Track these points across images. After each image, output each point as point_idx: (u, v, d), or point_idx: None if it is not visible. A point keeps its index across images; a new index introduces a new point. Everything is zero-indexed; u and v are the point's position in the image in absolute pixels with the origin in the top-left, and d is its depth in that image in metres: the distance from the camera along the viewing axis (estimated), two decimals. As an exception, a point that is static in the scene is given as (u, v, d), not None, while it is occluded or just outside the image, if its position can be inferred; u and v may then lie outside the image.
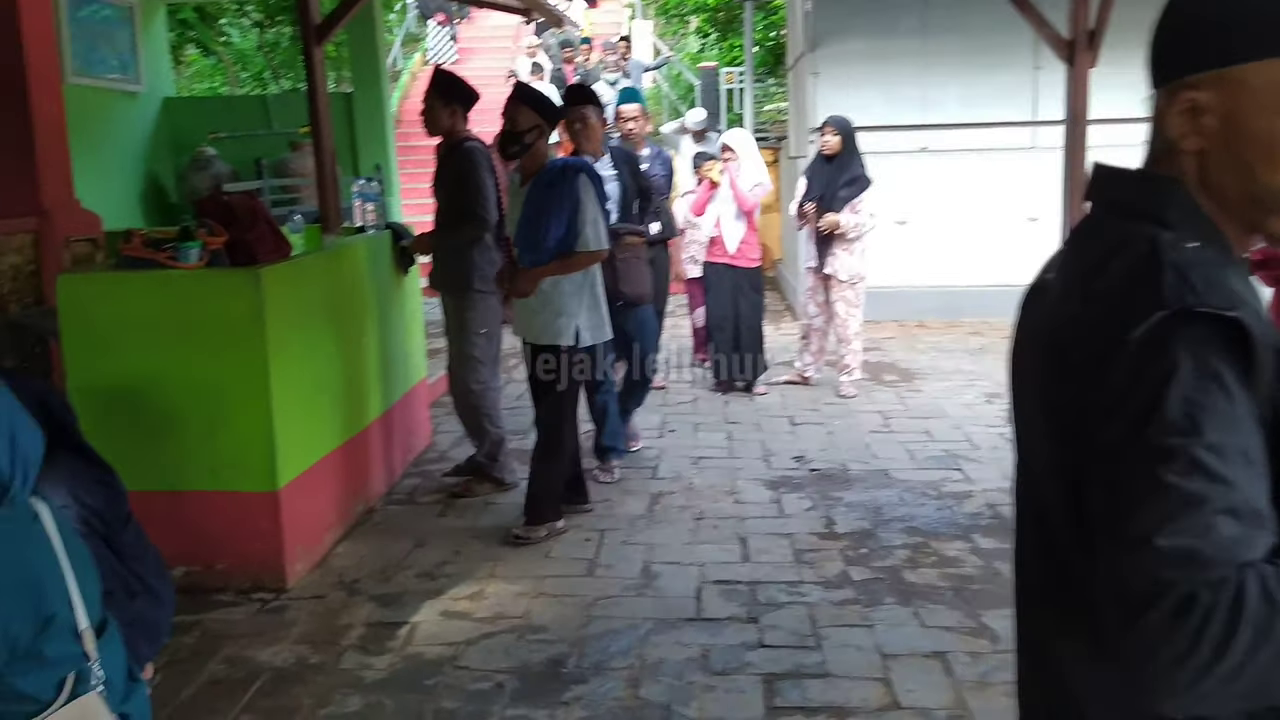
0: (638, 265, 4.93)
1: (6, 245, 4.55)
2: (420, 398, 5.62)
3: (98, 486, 2.82)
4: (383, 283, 4.97)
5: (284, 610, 3.71)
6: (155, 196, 9.31)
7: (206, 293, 3.73)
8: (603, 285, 4.39)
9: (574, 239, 4.16)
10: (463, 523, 4.54)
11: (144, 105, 9.21)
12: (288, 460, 3.86)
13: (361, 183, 5.18)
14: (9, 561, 1.83)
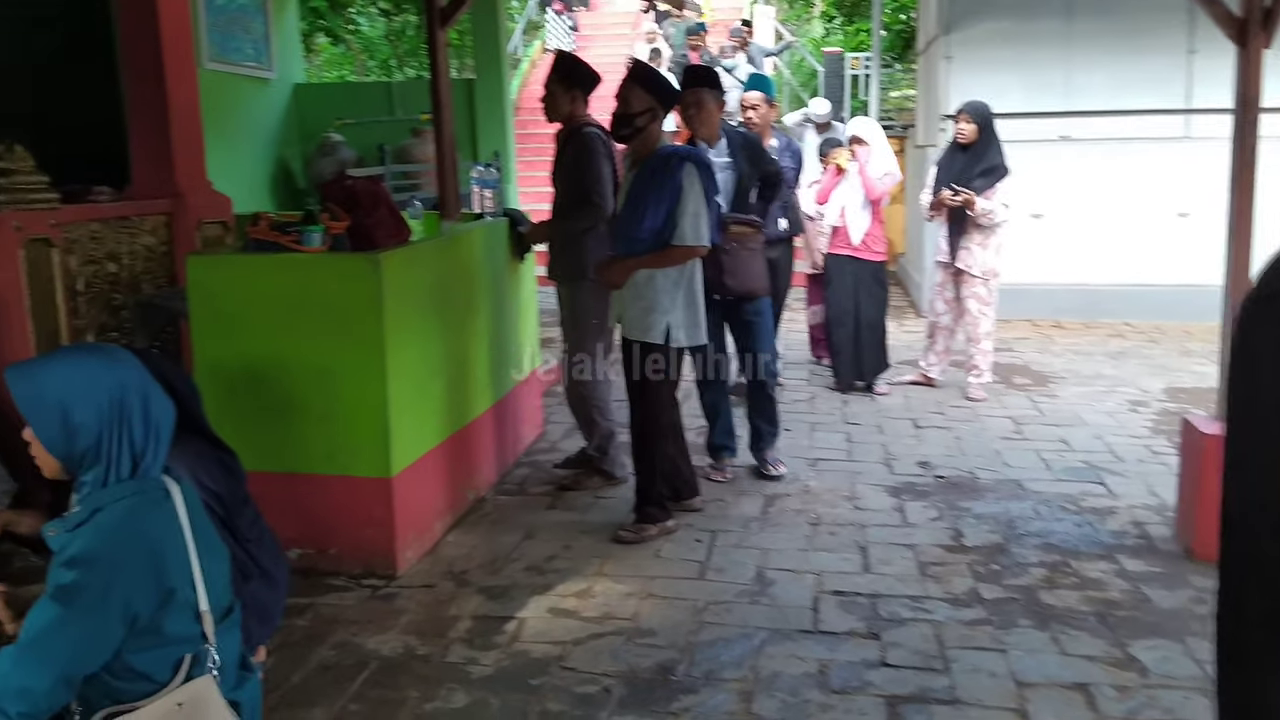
0: (747, 258, 4.62)
1: (141, 226, 4.66)
2: (533, 387, 5.57)
3: (218, 469, 2.82)
4: (498, 270, 4.92)
5: (394, 598, 3.68)
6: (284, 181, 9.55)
7: (327, 276, 3.72)
8: (702, 284, 4.17)
9: (670, 231, 3.98)
10: (572, 516, 4.46)
11: (275, 91, 9.44)
12: (401, 447, 3.84)
13: (480, 169, 5.14)
14: (133, 532, 1.82)
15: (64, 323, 4.00)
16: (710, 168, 4.10)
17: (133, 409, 1.89)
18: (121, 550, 1.79)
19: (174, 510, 1.97)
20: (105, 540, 1.80)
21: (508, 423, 5.05)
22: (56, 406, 1.84)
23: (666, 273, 4.03)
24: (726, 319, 4.55)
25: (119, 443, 1.88)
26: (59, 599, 1.75)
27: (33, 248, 3.84)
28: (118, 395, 1.87)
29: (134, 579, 1.80)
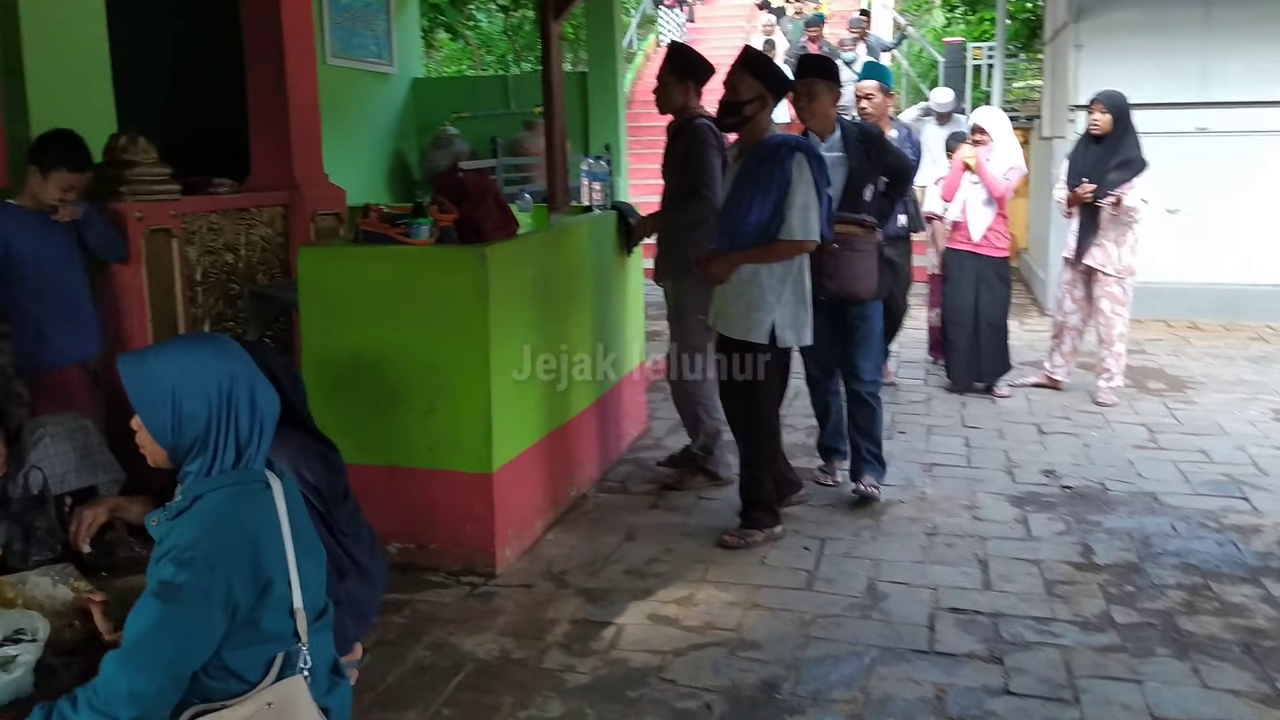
0: (851, 259, 4.25)
1: (258, 218, 4.73)
2: (638, 382, 5.47)
3: (319, 463, 2.79)
4: (605, 263, 4.83)
5: (492, 597, 3.63)
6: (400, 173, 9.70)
7: (433, 269, 3.69)
8: (809, 281, 3.97)
9: (777, 225, 3.79)
10: (675, 518, 4.34)
11: (394, 86, 9.59)
12: (503, 442, 3.78)
13: (590, 161, 5.06)
14: (231, 520, 1.80)
15: (181, 312, 4.08)
16: (820, 160, 3.89)
17: (240, 401, 1.88)
18: (219, 538, 1.78)
19: (273, 502, 1.95)
20: (203, 528, 1.79)
21: (611, 418, 4.97)
22: (167, 396, 1.83)
23: (772, 269, 3.85)
24: (830, 321, 4.29)
25: (225, 433, 1.87)
26: (160, 595, 1.74)
27: (153, 238, 3.92)
28: (226, 386, 1.86)
29: (233, 566, 1.78)
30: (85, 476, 3.05)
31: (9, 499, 2.78)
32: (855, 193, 4.30)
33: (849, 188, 4.28)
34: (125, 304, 3.84)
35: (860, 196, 4.31)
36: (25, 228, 3.68)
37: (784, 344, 3.92)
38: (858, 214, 4.28)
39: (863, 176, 4.30)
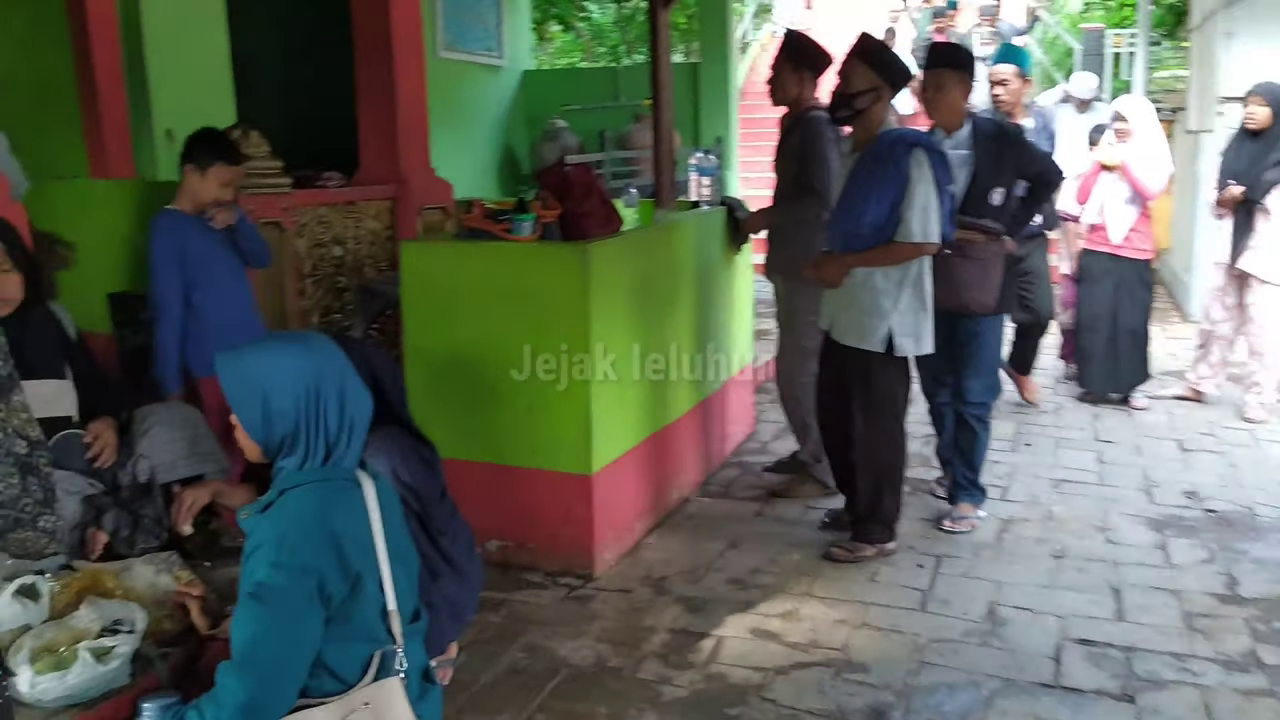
0: (966, 267, 3.90)
1: (366, 211, 4.74)
2: (745, 383, 5.31)
3: (417, 462, 2.73)
4: (713, 261, 4.68)
5: (589, 601, 3.53)
6: (509, 167, 9.72)
7: (535, 266, 3.60)
8: (931, 285, 3.71)
9: (894, 226, 3.57)
10: (780, 527, 4.17)
11: (504, 78, 9.61)
12: (604, 443, 3.68)
13: (699, 155, 4.92)
14: (314, 515, 1.77)
15: (291, 304, 4.10)
16: (944, 155, 3.64)
17: (328, 399, 1.87)
18: (302, 533, 1.76)
19: (362, 502, 1.92)
20: (286, 524, 1.77)
21: (716, 420, 4.82)
22: (258, 393, 1.84)
23: (888, 272, 3.62)
24: (940, 331, 3.90)
25: (314, 432, 1.87)
26: (257, 599, 1.73)
27: (264, 231, 3.94)
28: (314, 385, 1.86)
29: (321, 559, 1.76)
30: (193, 466, 3.06)
31: (119, 487, 2.80)
32: (979, 195, 3.94)
33: (972, 189, 3.94)
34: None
35: (985, 199, 3.95)
36: (194, 232, 3.68)
37: (901, 352, 3.69)
38: (980, 218, 3.93)
39: (990, 178, 3.94)
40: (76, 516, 2.57)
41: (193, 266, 3.66)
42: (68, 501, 2.57)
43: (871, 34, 3.80)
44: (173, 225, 3.66)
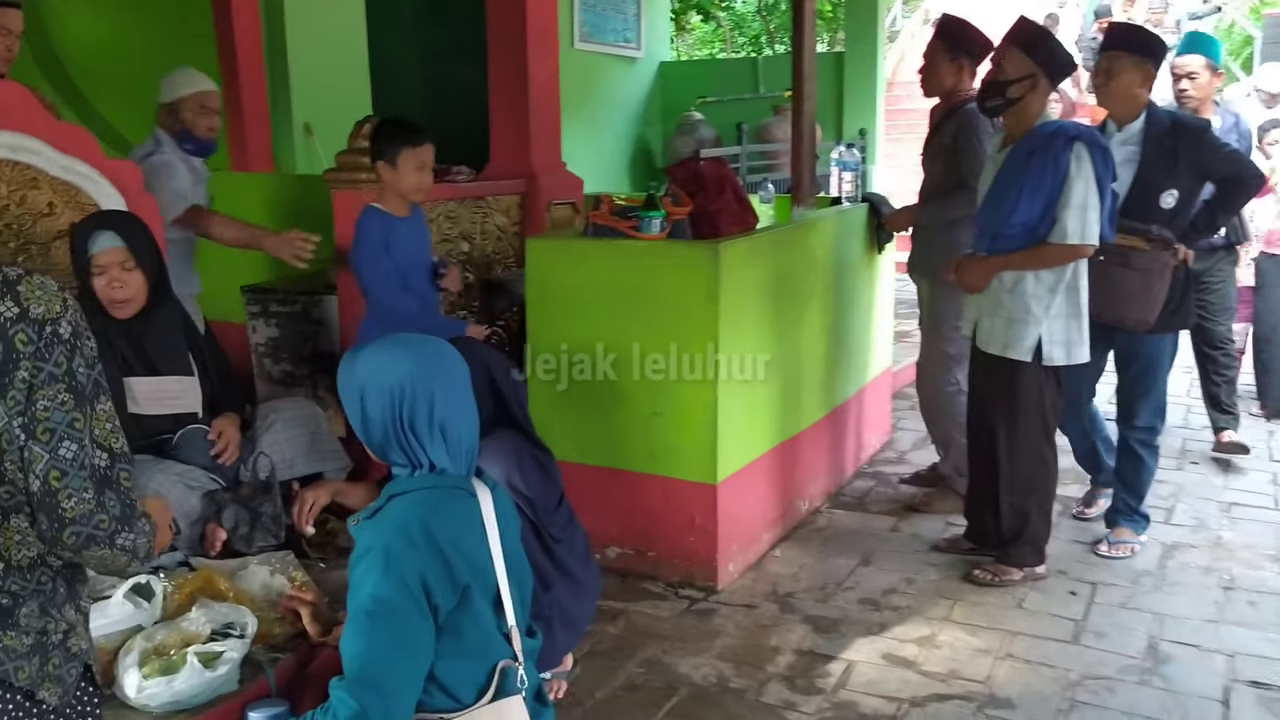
0: (1123, 277, 3.53)
1: (494, 206, 4.70)
2: (882, 389, 5.07)
3: (534, 469, 2.63)
4: (852, 261, 4.46)
5: (711, 615, 3.39)
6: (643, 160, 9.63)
7: (662, 265, 3.47)
8: (1087, 290, 3.40)
9: (1048, 226, 3.28)
10: (918, 544, 3.94)
11: (641, 70, 9.52)
12: (730, 451, 3.53)
13: (842, 149, 4.69)
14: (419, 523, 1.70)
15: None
16: (1106, 149, 3.31)
17: (416, 407, 1.79)
18: (405, 542, 1.69)
19: (476, 512, 1.83)
20: (389, 533, 1.71)
21: (850, 428, 4.60)
22: (357, 395, 1.80)
23: (1039, 276, 3.34)
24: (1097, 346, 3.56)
25: (404, 439, 1.80)
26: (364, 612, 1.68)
27: (392, 226, 3.92)
28: (399, 391, 1.79)
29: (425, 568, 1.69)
30: (313, 463, 3.07)
31: (240, 483, 2.81)
32: (1147, 197, 3.57)
33: (1136, 189, 3.57)
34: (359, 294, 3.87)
35: (1154, 202, 3.56)
36: (397, 230, 3.46)
37: (1051, 362, 3.40)
38: (1146, 223, 3.53)
39: (1161, 178, 3.57)
40: (197, 512, 2.59)
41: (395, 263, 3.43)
42: (189, 496, 2.59)
43: (1030, 18, 3.51)
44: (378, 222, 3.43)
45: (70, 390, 1.27)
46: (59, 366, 1.27)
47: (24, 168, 2.69)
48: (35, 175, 2.73)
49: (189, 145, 3.75)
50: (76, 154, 2.79)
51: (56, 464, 1.25)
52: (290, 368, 4.34)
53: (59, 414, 1.26)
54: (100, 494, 1.27)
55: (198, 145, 3.78)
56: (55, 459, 1.25)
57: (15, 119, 2.63)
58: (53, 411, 1.26)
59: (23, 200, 2.71)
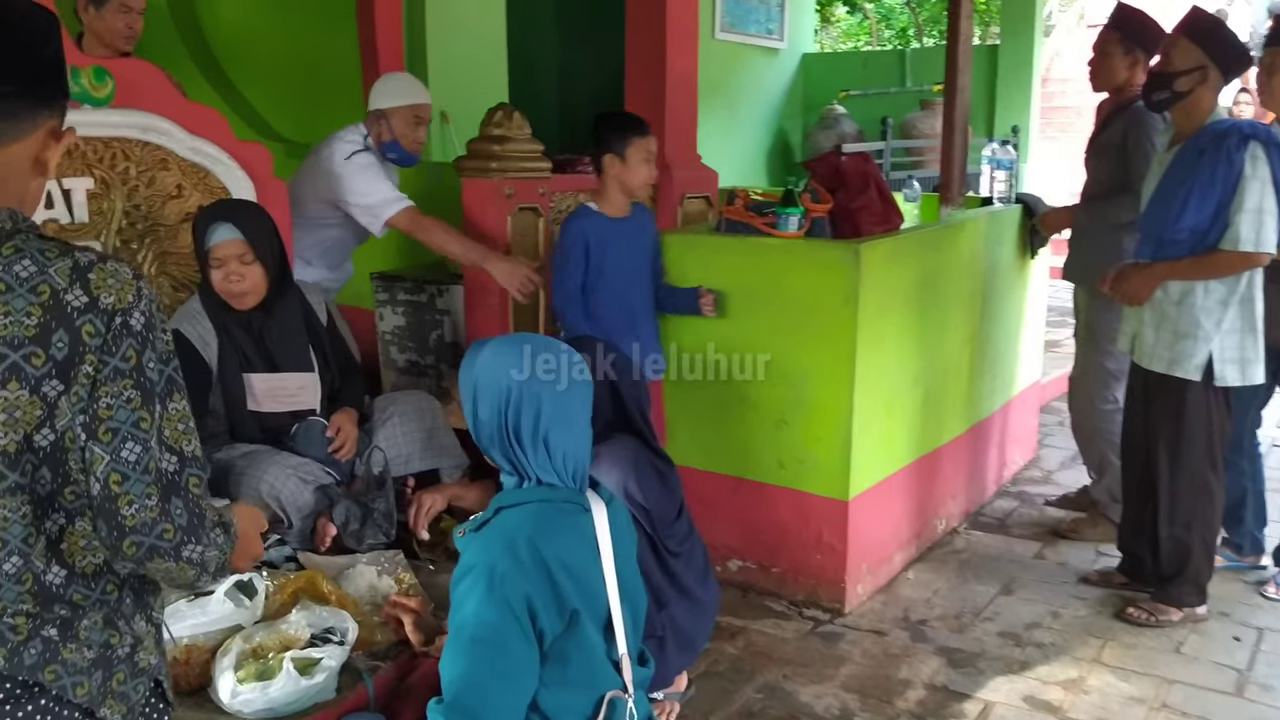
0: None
1: (626, 198, 4.57)
2: (1029, 402, 4.73)
3: (652, 477, 2.48)
4: (1002, 265, 4.16)
5: (837, 640, 3.19)
6: (781, 154, 9.37)
7: (798, 265, 3.27)
8: (1262, 303, 3.07)
9: (1219, 232, 2.95)
10: (1065, 574, 3.64)
11: (782, 62, 9.27)
12: (863, 465, 3.32)
13: (994, 146, 4.38)
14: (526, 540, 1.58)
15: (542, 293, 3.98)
16: None
17: (520, 415, 1.67)
18: (510, 561, 1.57)
19: (588, 529, 1.69)
20: (494, 550, 1.59)
21: (993, 442, 4.31)
22: (471, 392, 1.70)
23: (1209, 287, 3.02)
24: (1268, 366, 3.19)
25: (510, 447, 1.69)
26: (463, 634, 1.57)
27: (521, 216, 3.83)
28: (506, 395, 1.68)
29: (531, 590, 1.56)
30: (428, 459, 2.99)
31: (354, 476, 2.76)
32: None
33: None
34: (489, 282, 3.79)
35: None
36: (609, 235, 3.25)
37: (1223, 382, 3.07)
38: None
39: None
40: (310, 506, 2.53)
41: (594, 267, 3.23)
42: (303, 490, 2.53)
43: (1203, 8, 3.18)
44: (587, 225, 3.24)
45: (138, 387, 1.17)
46: (127, 361, 1.17)
47: (154, 148, 2.68)
48: (165, 156, 2.72)
49: (392, 155, 3.63)
50: (206, 135, 2.76)
51: (118, 467, 1.15)
52: (416, 357, 4.31)
53: (123, 412, 1.16)
54: (165, 501, 1.17)
55: (401, 157, 3.65)
56: (116, 461, 1.15)
57: (146, 98, 2.62)
58: (117, 410, 1.16)
59: (151, 181, 2.71)
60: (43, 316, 1.13)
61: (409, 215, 3.48)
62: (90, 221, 2.59)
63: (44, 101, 1.21)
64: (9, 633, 1.15)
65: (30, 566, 1.16)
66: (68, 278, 1.16)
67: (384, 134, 3.59)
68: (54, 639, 1.17)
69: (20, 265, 1.15)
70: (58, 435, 1.15)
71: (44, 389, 1.14)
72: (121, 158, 2.63)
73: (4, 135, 1.17)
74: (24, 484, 1.15)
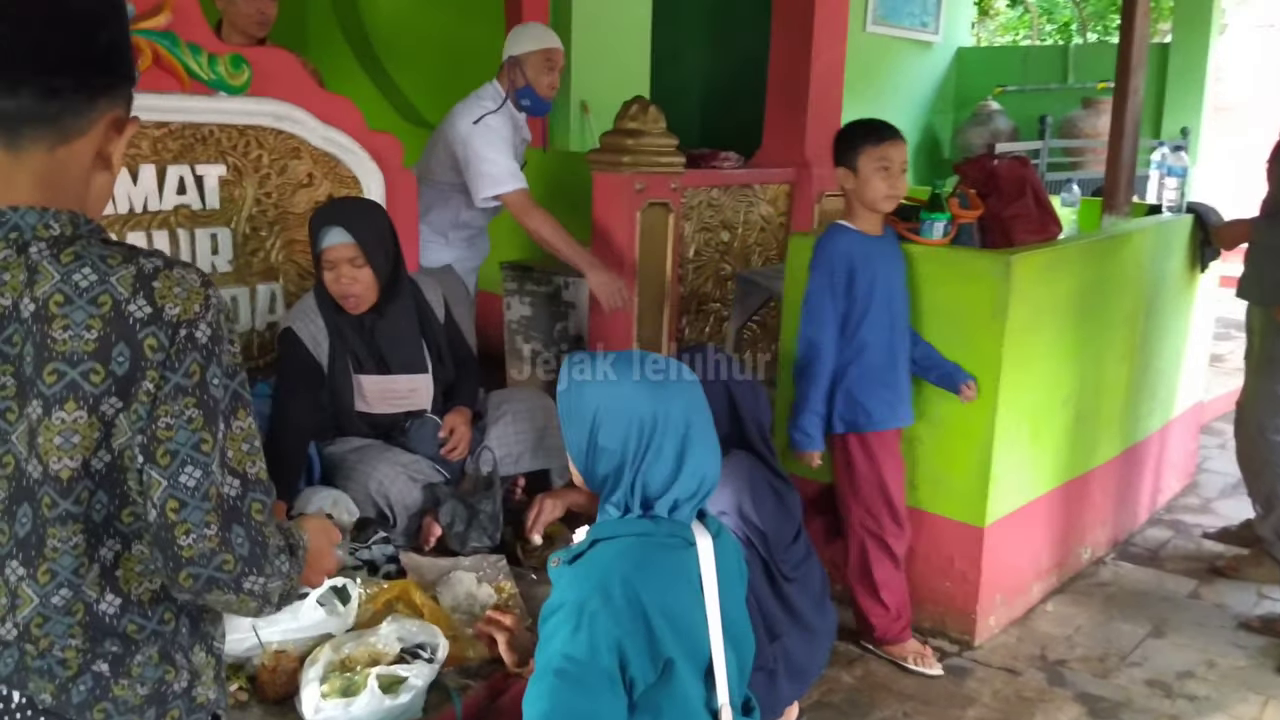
0: None
1: (761, 195, 4.43)
2: (1189, 424, 4.37)
3: (769, 497, 2.33)
4: (1168, 279, 3.83)
5: (965, 676, 2.98)
6: (929, 151, 9.01)
7: (942, 275, 3.06)
8: None
9: None
10: (1223, 617, 3.33)
11: (936, 56, 8.90)
12: (1003, 490, 3.09)
13: (1165, 150, 4.04)
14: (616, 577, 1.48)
15: (669, 290, 3.88)
16: None
17: (663, 449, 1.54)
18: (602, 600, 1.45)
19: (691, 565, 1.55)
20: (587, 587, 1.47)
21: (1148, 467, 4.00)
22: (587, 420, 1.56)
23: None
24: None
25: (638, 477, 1.54)
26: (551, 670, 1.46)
27: (650, 211, 3.74)
28: (649, 427, 1.53)
29: (622, 633, 1.44)
30: (539, 460, 2.92)
31: (464, 474, 2.71)
32: None
33: None
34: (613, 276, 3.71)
35: None
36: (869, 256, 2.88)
37: None
38: None
39: None
40: (417, 504, 2.49)
41: (859, 295, 2.84)
42: (411, 488, 2.49)
43: None
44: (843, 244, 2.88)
45: (200, 405, 1.08)
46: (189, 377, 1.07)
47: (286, 136, 2.68)
48: (297, 145, 2.72)
49: (526, 102, 3.62)
50: (339, 125, 2.76)
51: (175, 492, 1.06)
52: (540, 348, 4.28)
53: (183, 433, 1.06)
54: (226, 530, 1.08)
55: (535, 103, 3.63)
56: (174, 487, 1.06)
57: (281, 87, 2.62)
58: (177, 430, 1.06)
59: (283, 170, 2.71)
60: (103, 329, 1.05)
61: (522, 197, 3.44)
62: (221, 208, 2.61)
63: (103, 91, 1.11)
64: (58, 667, 1.08)
65: (81, 596, 1.09)
66: (130, 287, 1.07)
67: (517, 80, 3.57)
68: (105, 674, 1.10)
69: (80, 274, 1.06)
70: (115, 455, 1.08)
71: (102, 407, 1.06)
72: (255, 145, 2.64)
73: (64, 132, 1.09)
74: (78, 512, 1.08)
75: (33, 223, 1.08)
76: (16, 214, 1.08)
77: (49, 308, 1.05)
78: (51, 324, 1.05)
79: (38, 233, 1.08)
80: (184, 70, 2.39)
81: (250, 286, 2.73)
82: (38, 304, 1.06)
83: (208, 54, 2.44)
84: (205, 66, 2.42)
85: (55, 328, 1.05)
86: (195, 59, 2.41)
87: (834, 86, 4.68)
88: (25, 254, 1.07)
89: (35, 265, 1.07)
